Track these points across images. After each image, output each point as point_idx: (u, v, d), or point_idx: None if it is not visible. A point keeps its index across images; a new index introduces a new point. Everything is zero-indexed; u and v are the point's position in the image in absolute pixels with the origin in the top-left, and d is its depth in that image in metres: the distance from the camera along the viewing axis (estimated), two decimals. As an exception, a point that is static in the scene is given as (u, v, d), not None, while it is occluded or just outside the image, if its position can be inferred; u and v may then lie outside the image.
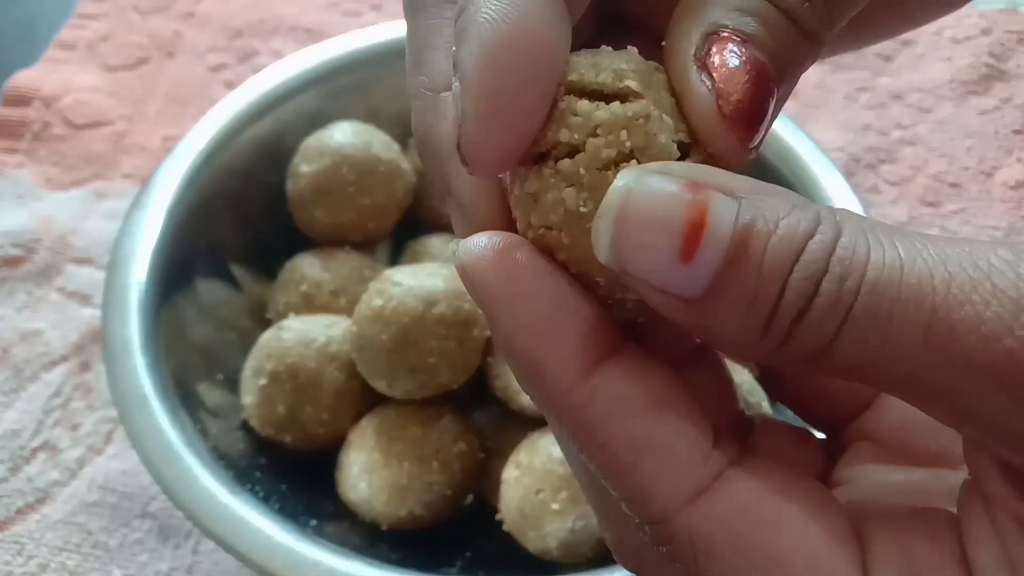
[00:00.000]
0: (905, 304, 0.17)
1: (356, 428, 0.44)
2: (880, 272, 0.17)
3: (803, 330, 0.17)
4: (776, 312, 0.17)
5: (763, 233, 0.17)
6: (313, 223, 0.50)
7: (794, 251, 0.17)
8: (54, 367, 0.52)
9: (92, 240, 0.57)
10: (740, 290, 0.17)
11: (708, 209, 0.17)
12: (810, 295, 0.17)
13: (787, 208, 0.18)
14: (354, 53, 0.53)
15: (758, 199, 0.18)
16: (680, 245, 0.17)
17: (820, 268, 0.17)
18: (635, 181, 0.18)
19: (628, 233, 0.18)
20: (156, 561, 0.45)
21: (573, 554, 0.40)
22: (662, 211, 0.17)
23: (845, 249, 0.17)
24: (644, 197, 0.18)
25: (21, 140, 0.61)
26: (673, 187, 0.18)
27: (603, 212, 0.18)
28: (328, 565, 0.36)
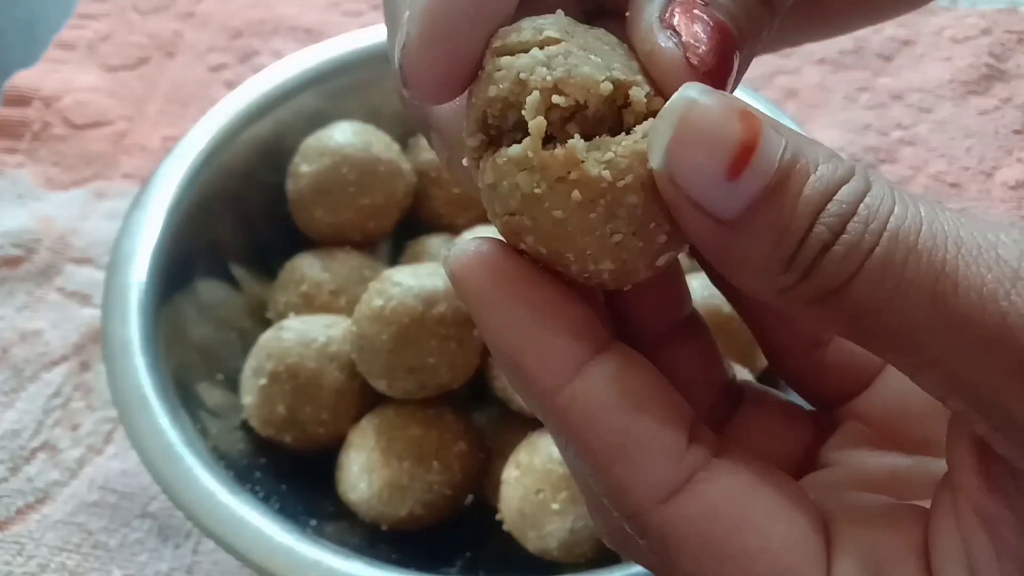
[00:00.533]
0: (919, 255, 0.18)
1: (356, 428, 0.44)
2: (901, 223, 0.18)
3: (824, 266, 0.18)
4: (803, 244, 0.18)
5: (803, 171, 0.18)
6: (313, 223, 0.50)
7: (828, 192, 0.18)
8: (54, 367, 0.52)
9: (92, 240, 0.57)
10: (773, 218, 0.18)
11: (760, 135, 0.18)
12: (836, 232, 0.18)
13: (827, 155, 0.19)
14: (354, 53, 0.53)
15: (802, 142, 0.19)
16: (729, 162, 0.18)
17: (849, 210, 0.18)
18: (699, 93, 0.19)
19: (684, 140, 0.19)
20: (156, 561, 0.45)
21: (573, 554, 0.40)
22: (720, 127, 0.18)
23: (873, 198, 0.18)
24: (705, 109, 0.19)
25: (21, 140, 0.61)
26: (732, 105, 0.19)
27: (664, 116, 0.19)
28: (328, 565, 0.36)
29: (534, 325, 0.20)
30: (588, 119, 0.21)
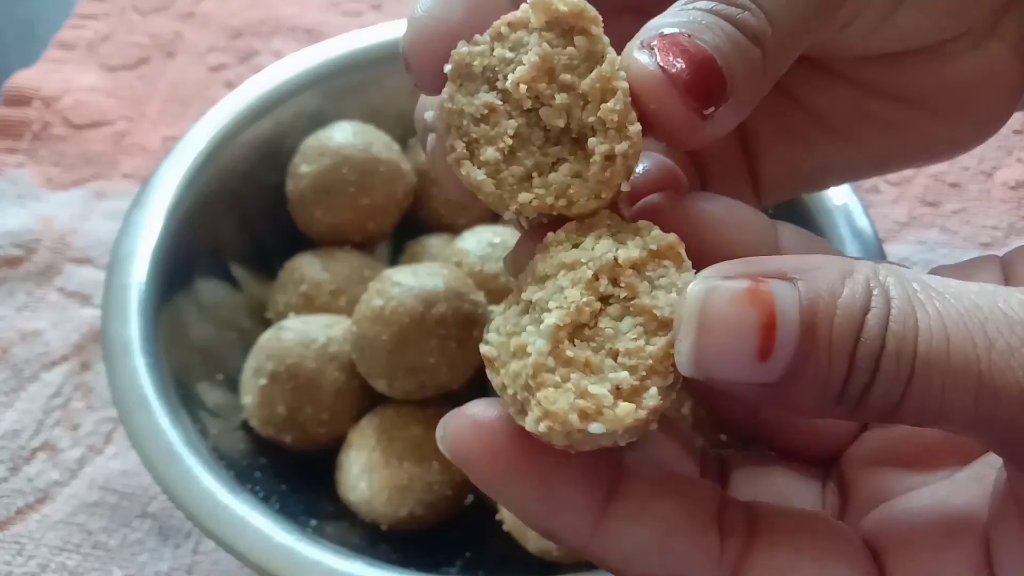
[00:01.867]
0: (955, 376, 0.19)
1: (356, 428, 0.44)
2: (929, 344, 0.19)
3: (871, 399, 0.19)
4: (847, 386, 0.19)
5: (827, 314, 0.19)
6: (313, 223, 0.50)
7: (856, 328, 0.19)
8: (54, 367, 0.52)
9: (92, 240, 0.57)
10: (814, 372, 0.19)
11: (775, 304, 0.19)
12: (873, 370, 0.19)
13: (839, 279, 0.19)
14: (354, 53, 0.53)
15: (811, 276, 0.19)
16: (757, 347, 0.19)
17: (878, 345, 0.19)
18: (706, 289, 0.20)
19: (707, 344, 0.20)
20: (156, 561, 0.45)
21: (573, 554, 0.40)
22: (736, 319, 0.19)
23: (897, 323, 0.19)
24: (717, 307, 0.19)
25: (21, 140, 0.61)
26: (739, 291, 0.19)
27: (680, 324, 0.20)
28: (328, 565, 0.36)
29: (544, 497, 0.21)
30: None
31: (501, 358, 0.22)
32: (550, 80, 0.23)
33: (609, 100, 0.23)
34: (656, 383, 0.21)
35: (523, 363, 0.21)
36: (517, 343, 0.21)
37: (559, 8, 0.23)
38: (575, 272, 0.22)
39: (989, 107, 0.29)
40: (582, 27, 0.23)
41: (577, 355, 0.21)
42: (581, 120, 0.23)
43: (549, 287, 0.22)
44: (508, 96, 0.23)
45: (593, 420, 0.20)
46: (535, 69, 0.23)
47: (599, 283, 0.22)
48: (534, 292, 0.22)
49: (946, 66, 0.28)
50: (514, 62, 0.23)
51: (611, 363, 0.21)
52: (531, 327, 0.22)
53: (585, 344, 0.21)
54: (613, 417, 0.20)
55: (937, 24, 0.27)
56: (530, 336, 0.22)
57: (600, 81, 0.23)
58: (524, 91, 0.23)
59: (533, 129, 0.24)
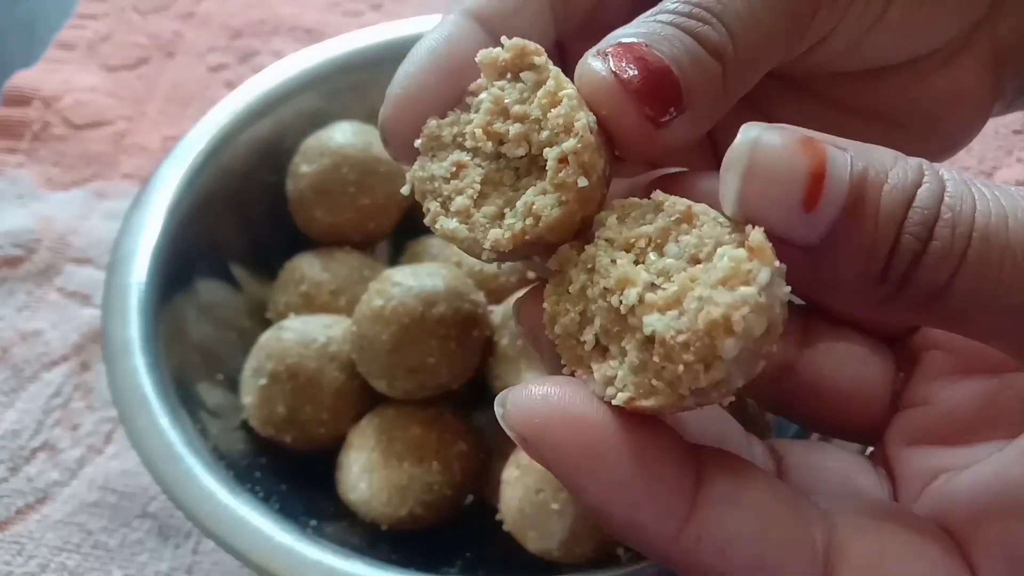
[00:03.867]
0: (1015, 252, 0.18)
1: (356, 428, 0.44)
2: (988, 220, 0.18)
3: (920, 275, 0.18)
4: (893, 256, 0.18)
5: (876, 182, 0.18)
6: (313, 223, 0.50)
7: (906, 198, 0.18)
8: (54, 367, 0.52)
9: (92, 240, 0.57)
10: (859, 236, 0.18)
11: (826, 158, 0.18)
12: (925, 239, 0.18)
13: (893, 159, 0.19)
14: (354, 53, 0.53)
15: (864, 151, 0.19)
16: (803, 195, 0.18)
17: (932, 214, 0.18)
18: (759, 130, 0.19)
19: (754, 185, 0.19)
20: (156, 561, 0.45)
21: (573, 554, 0.40)
22: (787, 163, 0.18)
23: (953, 197, 0.18)
24: (768, 150, 0.19)
25: (21, 140, 0.61)
26: (793, 138, 0.19)
27: (729, 166, 0.19)
28: (328, 565, 0.36)
29: (639, 479, 0.19)
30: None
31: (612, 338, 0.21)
32: (505, 118, 0.24)
33: (556, 108, 0.23)
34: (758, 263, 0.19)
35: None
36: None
37: (502, 56, 0.24)
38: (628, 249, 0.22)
39: (959, 123, 0.29)
40: (528, 63, 0.24)
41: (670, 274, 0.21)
42: (540, 142, 0.24)
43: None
44: (477, 151, 0.25)
45: (728, 334, 0.19)
46: (488, 114, 0.24)
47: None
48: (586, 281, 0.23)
49: (918, 83, 0.28)
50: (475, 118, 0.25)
51: (698, 270, 0.20)
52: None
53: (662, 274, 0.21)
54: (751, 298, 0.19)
55: (911, 41, 0.27)
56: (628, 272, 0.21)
57: (546, 96, 0.23)
58: (482, 136, 0.24)
59: (504, 172, 0.25)
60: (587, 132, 0.23)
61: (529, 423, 0.20)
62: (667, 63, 0.22)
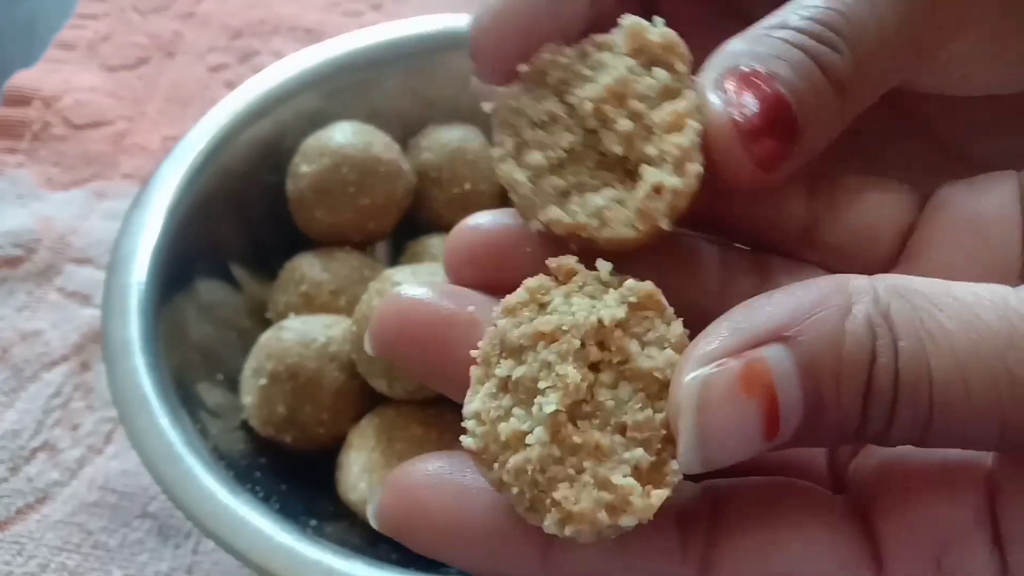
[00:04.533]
0: (978, 418, 0.17)
1: (356, 428, 0.44)
2: (947, 392, 0.17)
3: (891, 438, 0.18)
4: (863, 431, 0.18)
5: (831, 376, 0.18)
6: (313, 223, 0.50)
7: (863, 383, 0.18)
8: (54, 367, 0.52)
9: (92, 240, 0.57)
10: (825, 427, 0.18)
11: (773, 384, 0.18)
12: (888, 419, 0.18)
13: (839, 323, 0.18)
14: (354, 53, 0.53)
15: (807, 329, 0.18)
16: (763, 432, 0.18)
17: (890, 398, 0.18)
18: (698, 381, 0.18)
19: (711, 448, 0.18)
20: (156, 561, 0.45)
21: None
22: (737, 416, 0.18)
23: (908, 371, 0.17)
24: (714, 402, 0.18)
25: (21, 140, 0.61)
26: (732, 380, 0.18)
27: (681, 435, 0.18)
28: (328, 565, 0.36)
29: (488, 555, 0.20)
30: None
31: (490, 449, 0.19)
32: (619, 105, 0.22)
33: (677, 133, 0.21)
34: (673, 452, 0.19)
35: (525, 456, 0.19)
36: (509, 431, 0.19)
37: (649, 37, 0.22)
38: (559, 343, 0.20)
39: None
40: (668, 61, 0.22)
41: (585, 439, 0.19)
42: (641, 152, 0.22)
43: (531, 361, 0.20)
44: (573, 112, 0.22)
45: (623, 513, 0.19)
46: (608, 91, 0.22)
47: (587, 351, 0.20)
48: (513, 368, 0.20)
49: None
50: (589, 80, 0.22)
51: (620, 439, 0.19)
52: (519, 410, 0.20)
53: (587, 423, 0.19)
54: (644, 506, 0.19)
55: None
56: (522, 422, 0.19)
57: (673, 116, 0.21)
58: (590, 109, 0.22)
59: (588, 151, 0.22)
60: (695, 180, 0.21)
61: (387, 514, 0.21)
62: (786, 98, 0.20)
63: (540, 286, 0.21)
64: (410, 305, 0.22)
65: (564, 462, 0.19)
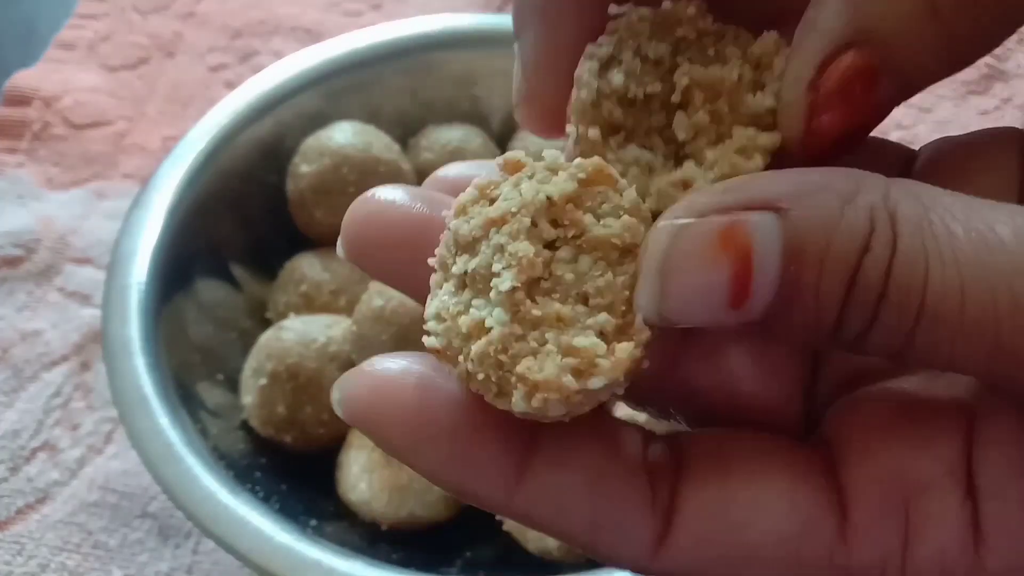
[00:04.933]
0: (968, 337, 0.16)
1: (356, 428, 0.44)
2: (941, 300, 0.16)
3: (868, 345, 0.17)
4: (839, 331, 0.17)
5: (815, 256, 0.16)
6: (313, 223, 0.50)
7: (849, 272, 0.16)
8: (54, 367, 0.52)
9: (92, 240, 0.57)
10: (799, 317, 0.17)
11: (751, 248, 0.16)
12: (870, 319, 0.16)
13: (837, 207, 0.16)
14: (354, 53, 0.53)
15: (802, 204, 0.17)
16: (728, 297, 0.17)
17: (878, 293, 0.16)
18: (674, 227, 0.17)
19: (671, 297, 0.17)
20: (156, 561, 0.45)
21: (573, 554, 0.40)
22: (704, 269, 0.17)
23: (903, 270, 0.16)
24: (684, 250, 0.17)
25: (21, 140, 0.61)
26: (711, 232, 0.17)
27: (642, 275, 0.17)
28: (328, 565, 0.36)
29: (458, 459, 0.19)
30: None
31: (453, 345, 0.19)
32: (712, 98, 0.20)
33: (742, 157, 0.20)
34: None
35: (487, 340, 0.18)
36: (469, 322, 0.18)
37: (776, 60, 0.20)
38: (509, 224, 0.19)
39: None
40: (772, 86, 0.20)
41: (546, 311, 0.18)
42: (700, 152, 0.20)
43: (483, 250, 0.19)
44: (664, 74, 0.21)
45: (591, 375, 0.18)
46: (712, 81, 0.20)
47: (540, 229, 0.19)
48: (467, 261, 0.19)
49: None
50: (711, 60, 0.21)
51: (583, 309, 0.18)
52: (478, 300, 0.19)
53: (547, 298, 0.19)
54: (611, 364, 0.18)
55: None
56: (482, 309, 0.19)
57: (746, 141, 0.20)
58: (686, 84, 0.20)
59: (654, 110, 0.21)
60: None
61: (354, 408, 0.20)
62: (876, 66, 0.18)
63: (489, 183, 0.20)
64: (383, 207, 0.21)
65: (527, 338, 0.18)
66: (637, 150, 0.20)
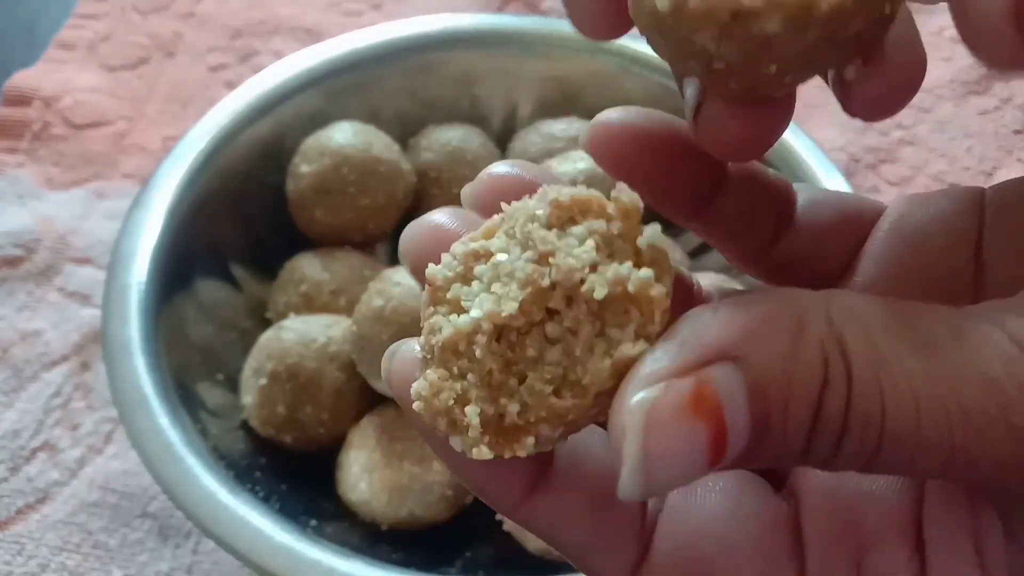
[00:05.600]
0: (926, 450, 0.17)
1: (356, 428, 0.44)
2: (898, 423, 0.17)
3: (837, 464, 0.18)
4: (807, 455, 0.17)
5: (779, 400, 0.17)
6: (313, 223, 0.50)
7: (813, 409, 0.17)
8: (54, 367, 0.52)
9: (92, 240, 0.57)
10: (769, 451, 0.17)
11: (722, 407, 0.17)
12: (835, 447, 0.17)
13: (790, 346, 0.17)
14: (354, 53, 0.53)
15: (756, 349, 0.17)
16: (709, 458, 0.17)
17: (839, 426, 0.17)
18: (649, 398, 0.17)
19: (655, 473, 0.17)
20: (156, 561, 0.45)
21: (573, 554, 0.40)
22: (685, 440, 0.17)
23: (860, 403, 0.17)
24: (661, 422, 0.17)
25: (21, 140, 0.61)
26: (683, 400, 0.17)
27: (627, 461, 0.17)
28: (328, 565, 0.36)
29: (481, 463, 0.20)
30: None
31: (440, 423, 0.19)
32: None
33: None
34: (543, 431, 0.18)
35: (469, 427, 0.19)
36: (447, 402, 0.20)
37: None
38: (471, 348, 0.20)
39: None
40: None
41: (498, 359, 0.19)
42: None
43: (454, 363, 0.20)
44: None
45: (454, 434, 0.19)
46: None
47: (552, 294, 0.19)
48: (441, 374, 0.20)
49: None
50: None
51: (513, 384, 0.19)
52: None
53: (509, 351, 0.19)
54: (468, 444, 0.19)
55: None
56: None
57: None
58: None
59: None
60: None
61: (401, 384, 0.21)
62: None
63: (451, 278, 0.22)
64: (437, 229, 0.22)
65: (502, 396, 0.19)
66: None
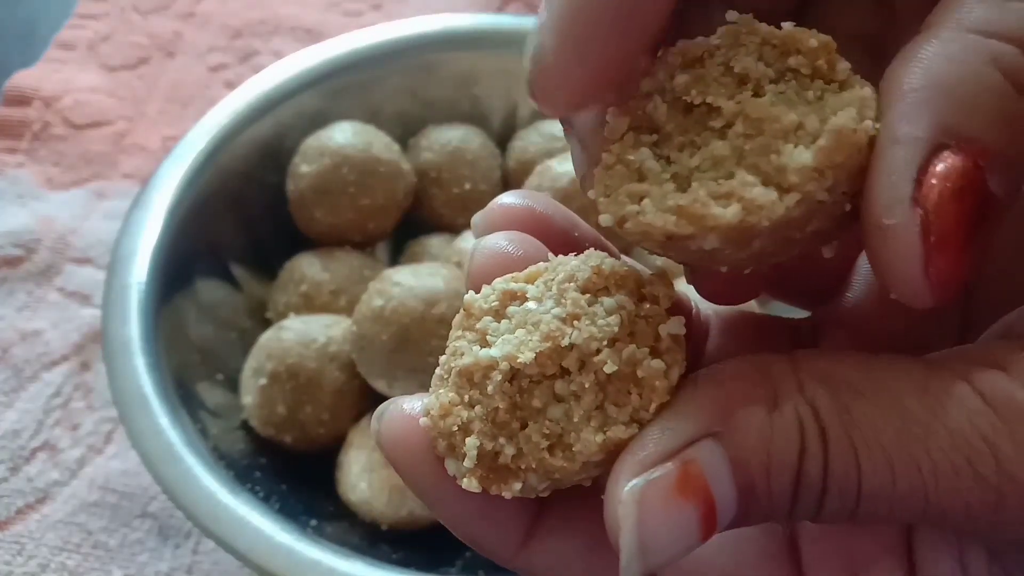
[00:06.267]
0: (902, 502, 0.18)
1: (356, 428, 0.44)
2: (874, 482, 0.18)
3: (818, 520, 0.19)
4: (792, 515, 0.19)
5: (761, 472, 0.18)
6: (313, 223, 0.50)
7: (793, 476, 0.18)
8: (54, 367, 0.52)
9: (92, 240, 0.57)
10: (757, 517, 0.18)
11: (708, 486, 0.18)
12: (817, 507, 0.18)
13: (766, 419, 0.18)
14: (354, 53, 0.53)
15: (735, 425, 0.18)
16: (701, 532, 0.18)
17: (819, 488, 0.18)
18: (635, 504, 0.18)
19: (653, 555, 0.18)
20: (156, 561, 0.45)
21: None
22: (677, 522, 0.18)
23: (838, 466, 0.18)
24: (654, 518, 0.18)
25: (21, 140, 0.61)
26: (670, 486, 0.18)
27: (625, 551, 0.18)
28: (328, 565, 0.36)
29: (481, 512, 0.20)
30: None
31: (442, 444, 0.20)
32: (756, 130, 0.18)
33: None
34: (531, 480, 0.20)
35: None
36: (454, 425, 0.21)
37: (810, 43, 0.19)
38: (488, 383, 0.22)
39: None
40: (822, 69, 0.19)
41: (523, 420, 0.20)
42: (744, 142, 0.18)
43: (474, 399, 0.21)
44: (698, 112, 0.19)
45: (450, 457, 0.20)
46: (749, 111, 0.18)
47: (568, 354, 0.20)
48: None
49: None
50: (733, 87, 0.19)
51: (515, 427, 0.20)
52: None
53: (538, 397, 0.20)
54: (461, 472, 0.20)
55: None
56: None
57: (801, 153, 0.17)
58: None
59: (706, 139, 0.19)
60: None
61: (389, 443, 0.21)
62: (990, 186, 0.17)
63: (470, 314, 0.23)
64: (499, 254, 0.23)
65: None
66: (647, 155, 0.19)
